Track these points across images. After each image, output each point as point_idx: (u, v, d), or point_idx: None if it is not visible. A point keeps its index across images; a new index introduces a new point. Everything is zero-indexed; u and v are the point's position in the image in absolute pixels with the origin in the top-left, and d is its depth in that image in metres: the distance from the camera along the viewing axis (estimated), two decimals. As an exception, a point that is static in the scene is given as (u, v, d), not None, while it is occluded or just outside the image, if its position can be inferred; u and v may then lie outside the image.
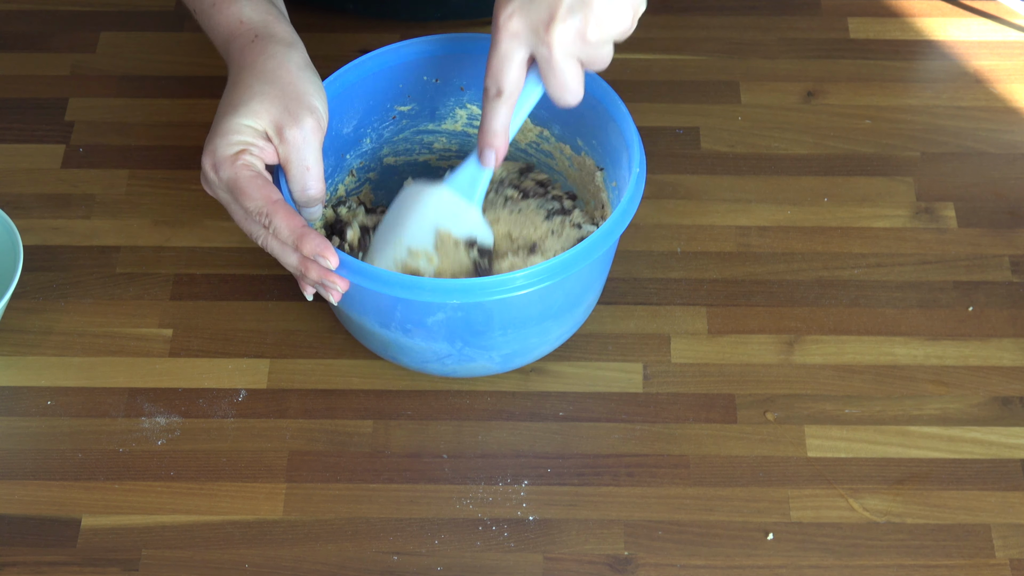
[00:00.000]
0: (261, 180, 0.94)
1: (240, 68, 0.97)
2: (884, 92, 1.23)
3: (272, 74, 0.96)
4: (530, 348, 1.02)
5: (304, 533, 0.99)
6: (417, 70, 1.06)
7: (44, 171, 1.18)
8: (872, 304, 1.10)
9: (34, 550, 0.98)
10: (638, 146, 0.99)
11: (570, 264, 0.94)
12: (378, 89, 1.06)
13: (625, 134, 1.00)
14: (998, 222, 1.15)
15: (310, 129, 0.95)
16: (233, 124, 0.95)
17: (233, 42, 0.99)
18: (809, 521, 0.99)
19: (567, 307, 1.01)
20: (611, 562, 0.98)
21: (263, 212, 0.94)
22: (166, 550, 0.98)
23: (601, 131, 1.04)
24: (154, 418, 1.04)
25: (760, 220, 1.15)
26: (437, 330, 0.98)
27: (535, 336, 1.01)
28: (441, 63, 1.06)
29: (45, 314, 1.09)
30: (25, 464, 1.02)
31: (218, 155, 0.95)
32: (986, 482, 1.01)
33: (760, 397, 1.05)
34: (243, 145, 0.95)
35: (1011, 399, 1.05)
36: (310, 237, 0.93)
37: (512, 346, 1.01)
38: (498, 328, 0.98)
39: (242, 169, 0.94)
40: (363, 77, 1.05)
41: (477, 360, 1.02)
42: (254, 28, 0.99)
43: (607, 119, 1.02)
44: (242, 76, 0.97)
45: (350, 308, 1.00)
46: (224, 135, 0.95)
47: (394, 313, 0.97)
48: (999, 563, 0.97)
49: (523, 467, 1.02)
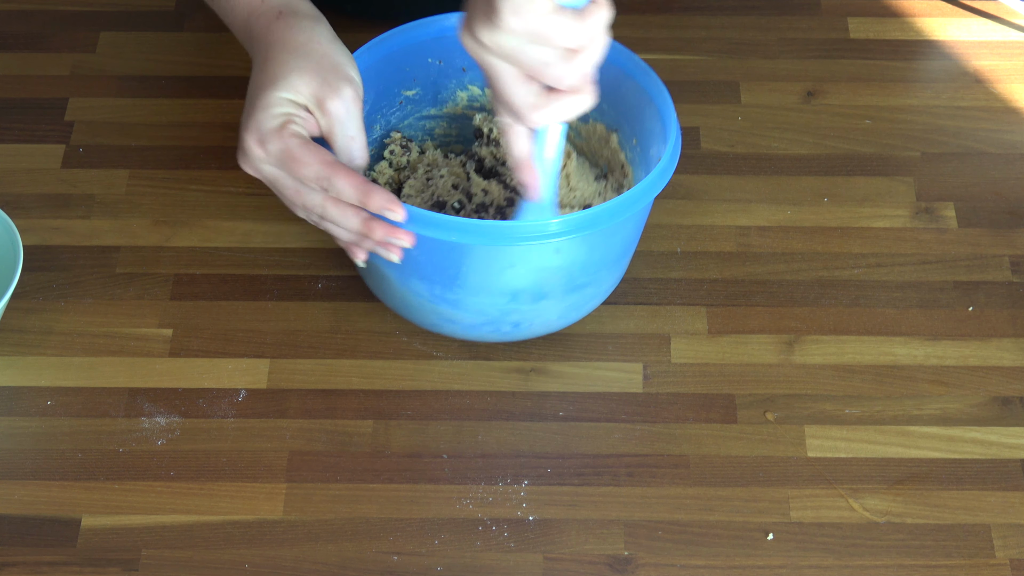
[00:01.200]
0: (314, 146, 0.94)
1: (269, 45, 0.96)
2: (884, 92, 1.23)
3: (305, 47, 0.95)
4: (585, 300, 1.03)
5: (304, 533, 0.99)
6: (422, 52, 1.07)
7: (44, 171, 1.18)
8: (872, 304, 1.10)
9: (34, 550, 0.98)
10: (663, 93, 1.01)
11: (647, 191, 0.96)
12: (387, 73, 1.06)
13: (645, 85, 1.02)
14: (998, 222, 1.15)
15: (351, 99, 0.95)
16: (273, 98, 0.94)
17: (256, 21, 0.98)
18: (809, 521, 0.99)
19: (622, 254, 1.03)
20: (611, 562, 0.98)
21: (322, 176, 0.93)
22: (166, 550, 0.98)
23: (612, 91, 1.04)
24: (154, 418, 1.04)
25: (760, 220, 1.15)
26: (508, 284, 0.98)
27: (593, 286, 1.02)
28: (442, 44, 1.06)
29: (45, 314, 1.09)
30: (25, 464, 1.02)
31: (264, 128, 0.94)
32: (986, 482, 1.01)
33: (760, 397, 1.05)
34: (287, 116, 0.94)
35: (1011, 399, 1.05)
36: (376, 191, 0.92)
37: (571, 298, 1.01)
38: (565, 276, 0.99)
39: (291, 138, 0.93)
40: (372, 62, 1.04)
41: (542, 316, 1.02)
42: (276, 5, 0.98)
43: (620, 77, 1.03)
44: (272, 52, 0.96)
45: (406, 273, 0.99)
46: (266, 108, 0.94)
47: (460, 269, 0.96)
48: (999, 563, 0.97)
49: (523, 467, 1.02)
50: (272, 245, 1.13)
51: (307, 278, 1.11)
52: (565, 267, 0.98)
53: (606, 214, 0.95)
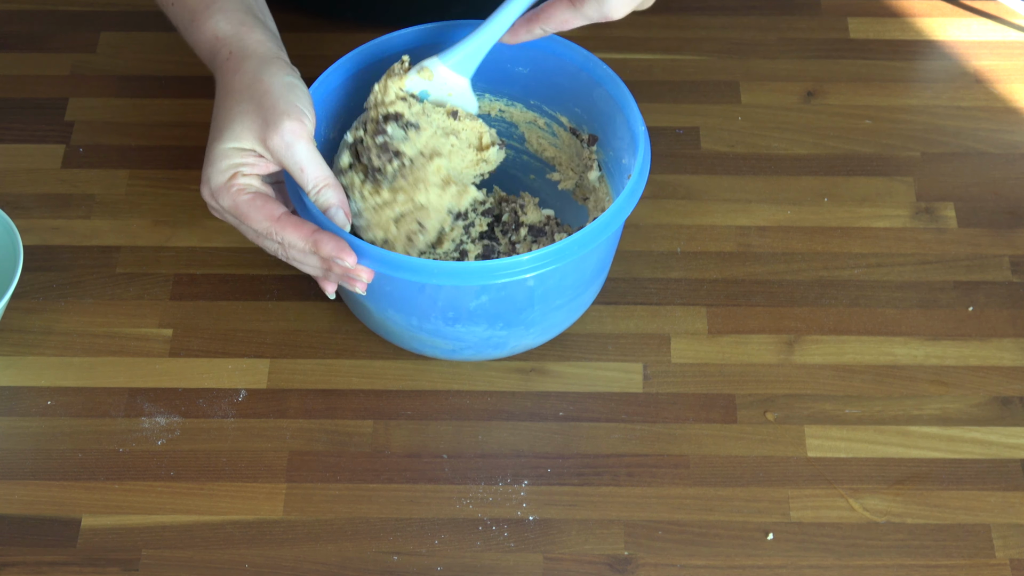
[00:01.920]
0: (260, 200, 0.95)
1: (220, 89, 0.98)
2: (884, 92, 1.23)
3: (247, 91, 0.96)
4: (564, 317, 1.03)
5: (304, 533, 0.99)
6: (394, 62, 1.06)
7: (44, 171, 1.18)
8: (872, 304, 1.10)
9: (34, 550, 0.98)
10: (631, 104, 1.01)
11: (619, 213, 0.96)
12: (356, 90, 1.06)
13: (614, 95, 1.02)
14: (998, 222, 1.15)
15: (290, 132, 0.95)
16: (219, 150, 0.96)
17: (214, 60, 1.00)
18: (809, 521, 0.99)
19: (598, 272, 1.03)
20: (611, 562, 0.98)
21: (270, 232, 0.95)
22: (166, 550, 0.98)
23: (585, 98, 1.05)
24: (154, 418, 1.04)
25: (760, 220, 1.15)
26: (480, 314, 0.98)
27: (570, 306, 1.02)
28: (420, 55, 1.05)
29: (45, 314, 1.09)
30: (25, 464, 1.02)
31: (213, 185, 0.96)
32: (986, 482, 1.01)
33: (760, 397, 1.05)
34: (233, 169, 0.95)
35: (1011, 399, 1.05)
36: (324, 240, 0.94)
37: (550, 318, 1.01)
38: (538, 302, 0.99)
39: (238, 194, 0.95)
40: (343, 79, 1.04)
41: (522, 340, 1.03)
42: (228, 44, 0.99)
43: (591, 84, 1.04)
44: (222, 99, 0.97)
45: (383, 305, 1.00)
46: (214, 163, 0.96)
47: (432, 303, 0.97)
48: (999, 563, 0.97)
49: (523, 467, 1.02)
50: (272, 245, 1.13)
51: (307, 278, 1.11)
52: (538, 295, 0.98)
53: (573, 246, 0.94)
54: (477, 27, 0.99)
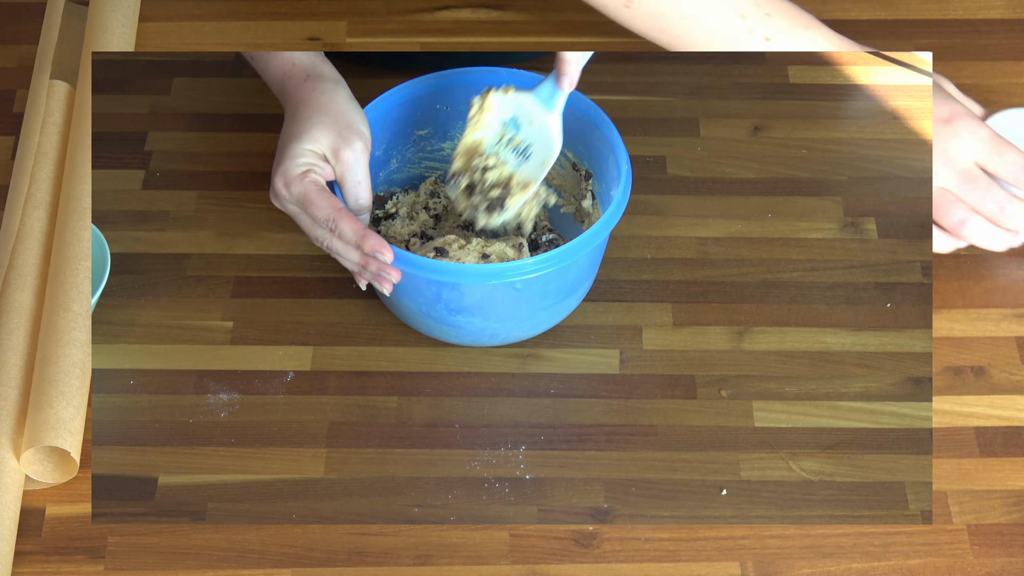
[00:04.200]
0: (326, 192, 0.95)
1: (297, 103, 0.98)
2: (818, 127, 1.23)
3: (326, 106, 0.96)
4: (552, 316, 1.03)
5: (341, 489, 0.99)
6: (432, 100, 1.07)
7: (128, 192, 1.18)
8: (808, 301, 1.10)
9: (120, 503, 0.98)
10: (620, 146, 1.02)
11: (592, 238, 0.96)
12: (401, 117, 1.06)
13: (608, 136, 1.03)
14: (911, 234, 1.15)
15: (360, 149, 0.96)
16: (298, 149, 0.95)
17: (288, 81, 0.99)
18: (756, 479, 0.99)
19: (584, 278, 1.03)
20: (593, 512, 0.98)
21: (330, 218, 0.94)
22: (228, 503, 0.98)
23: (586, 138, 1.05)
24: (218, 395, 1.04)
25: (716, 232, 1.15)
26: (475, 309, 0.98)
27: (557, 306, 1.02)
28: (449, 93, 1.06)
29: (128, 310, 1.09)
30: (112, 433, 1.02)
31: (288, 174, 0.95)
32: (901, 447, 1.01)
33: (716, 377, 1.05)
34: (308, 166, 0.95)
35: (921, 379, 1.05)
36: (370, 237, 0.94)
37: (539, 316, 1.02)
38: (525, 303, 0.99)
39: (309, 184, 0.95)
40: (389, 108, 1.05)
41: (514, 332, 1.03)
42: (305, 69, 0.99)
43: (590, 127, 1.04)
44: (300, 109, 0.97)
45: (401, 294, 1.00)
46: (292, 158, 0.95)
47: (438, 296, 0.98)
48: (912, 514, 0.98)
49: (521, 435, 1.02)
50: (315, 253, 1.13)
51: (343, 280, 1.11)
52: (526, 296, 0.98)
53: (554, 259, 0.95)
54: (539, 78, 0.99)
